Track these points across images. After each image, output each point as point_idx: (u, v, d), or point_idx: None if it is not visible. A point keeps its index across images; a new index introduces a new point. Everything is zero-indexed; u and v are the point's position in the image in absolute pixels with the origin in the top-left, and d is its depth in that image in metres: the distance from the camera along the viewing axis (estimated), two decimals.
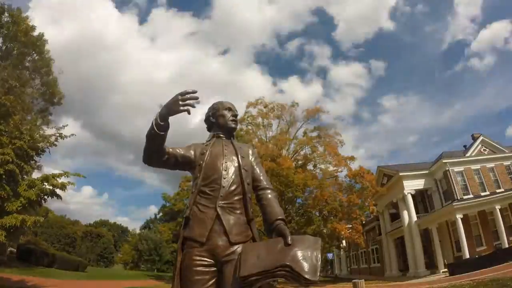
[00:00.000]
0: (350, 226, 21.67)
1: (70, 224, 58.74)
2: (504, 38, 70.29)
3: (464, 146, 23.87)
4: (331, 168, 22.83)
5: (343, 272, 41.95)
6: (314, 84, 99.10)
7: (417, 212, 22.80)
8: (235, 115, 2.04)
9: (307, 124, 25.47)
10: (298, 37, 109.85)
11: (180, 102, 1.62)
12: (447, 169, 20.84)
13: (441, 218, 20.03)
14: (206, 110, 2.15)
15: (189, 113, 1.64)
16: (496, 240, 18.03)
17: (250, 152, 1.96)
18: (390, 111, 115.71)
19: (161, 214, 49.14)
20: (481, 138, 22.26)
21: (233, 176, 1.76)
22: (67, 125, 13.44)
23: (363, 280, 4.03)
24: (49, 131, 14.88)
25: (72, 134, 13.87)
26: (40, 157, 14.84)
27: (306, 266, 1.30)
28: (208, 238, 1.59)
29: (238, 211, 1.70)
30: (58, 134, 13.90)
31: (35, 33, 16.52)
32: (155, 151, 1.71)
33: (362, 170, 21.47)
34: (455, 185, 20.40)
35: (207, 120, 2.10)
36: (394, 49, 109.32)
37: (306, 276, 1.28)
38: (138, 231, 64.01)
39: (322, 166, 23.45)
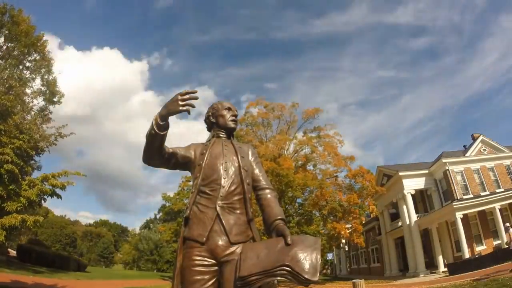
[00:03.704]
0: (350, 226, 21.67)
1: (70, 224, 58.78)
2: None
3: (464, 146, 23.89)
4: (331, 169, 22.86)
5: (343, 272, 41.96)
6: None
7: (417, 212, 22.81)
8: (235, 115, 2.04)
9: (306, 124, 25.50)
10: None
11: (180, 102, 1.61)
12: (447, 169, 20.85)
13: (441, 218, 20.04)
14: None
15: (189, 113, 1.64)
16: (496, 240, 18.06)
17: (250, 152, 1.96)
18: None
19: (161, 214, 49.14)
20: (481, 138, 22.28)
21: (233, 176, 1.76)
22: (66, 124, 13.47)
23: (363, 280, 4.03)
24: (49, 130, 14.93)
25: (72, 133, 13.93)
26: (40, 156, 14.89)
27: (306, 266, 1.30)
28: (208, 238, 1.59)
29: (238, 211, 1.70)
30: (57, 133, 13.96)
31: (35, 33, 16.56)
32: (155, 151, 1.71)
33: (361, 170, 21.46)
34: (455, 185, 20.41)
35: (206, 120, 2.10)
36: None
37: (306, 276, 1.28)
38: (138, 231, 64.04)
39: (322, 166, 23.48)
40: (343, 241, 24.50)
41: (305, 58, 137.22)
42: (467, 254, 17.40)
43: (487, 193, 19.89)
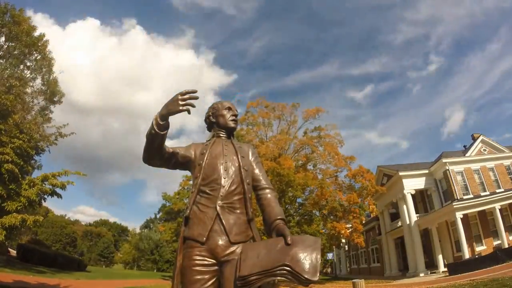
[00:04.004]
0: (350, 225, 21.69)
1: (70, 223, 58.80)
2: None
3: (464, 146, 23.88)
4: (331, 168, 22.86)
5: (343, 272, 41.99)
6: None
7: (417, 212, 22.81)
8: (235, 115, 2.05)
9: (307, 124, 25.53)
10: None
11: (180, 102, 1.62)
12: (447, 169, 20.84)
13: (441, 218, 20.03)
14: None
15: (189, 112, 1.64)
16: (496, 240, 18.05)
17: (250, 152, 1.96)
18: None
19: (161, 213, 49.15)
20: (481, 138, 22.27)
21: (233, 176, 1.76)
22: (67, 124, 13.47)
23: (362, 280, 4.02)
24: (49, 130, 14.95)
25: (72, 133, 13.93)
26: (40, 156, 14.90)
27: (306, 266, 1.30)
28: (208, 238, 1.59)
29: (238, 211, 1.70)
30: (58, 133, 13.97)
31: (36, 33, 16.60)
32: (156, 150, 1.71)
33: (361, 169, 21.46)
34: (455, 185, 20.41)
35: (207, 119, 2.10)
36: None
37: (306, 276, 1.28)
38: (138, 230, 64.06)
39: (322, 166, 23.48)
40: (343, 240, 24.54)
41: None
42: (467, 254, 17.40)
43: (487, 193, 19.89)
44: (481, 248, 18.18)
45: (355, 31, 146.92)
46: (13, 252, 25.07)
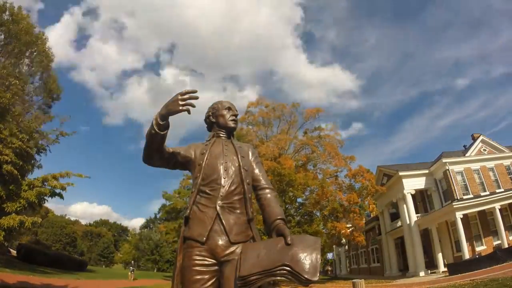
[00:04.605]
0: (350, 225, 21.70)
1: (70, 223, 58.79)
2: None
3: (464, 146, 23.84)
4: (331, 168, 22.87)
5: (343, 272, 41.98)
6: None
7: (417, 212, 22.79)
8: (235, 115, 2.04)
9: (307, 124, 25.55)
10: None
11: (180, 102, 1.61)
12: (447, 169, 20.83)
13: (441, 218, 20.02)
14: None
15: (189, 112, 1.64)
16: (496, 240, 18.05)
17: (250, 152, 1.96)
18: None
19: (161, 213, 49.15)
20: (481, 137, 22.24)
21: (233, 176, 1.76)
22: (69, 117, 13.47)
23: (362, 280, 4.02)
24: (48, 127, 14.95)
25: (73, 132, 13.95)
26: (40, 155, 14.90)
27: (306, 266, 1.30)
28: (208, 238, 1.59)
29: (238, 211, 1.70)
30: (59, 133, 13.99)
31: (35, 32, 16.62)
32: (156, 150, 1.71)
33: (361, 169, 21.47)
34: (455, 185, 20.39)
35: (207, 119, 2.10)
36: None
37: (306, 276, 1.28)
38: (138, 230, 64.06)
39: (323, 166, 23.49)
40: (343, 240, 24.56)
41: None
42: (467, 254, 17.39)
43: (487, 193, 19.86)
44: (481, 248, 18.17)
45: None
46: (14, 252, 25.07)
